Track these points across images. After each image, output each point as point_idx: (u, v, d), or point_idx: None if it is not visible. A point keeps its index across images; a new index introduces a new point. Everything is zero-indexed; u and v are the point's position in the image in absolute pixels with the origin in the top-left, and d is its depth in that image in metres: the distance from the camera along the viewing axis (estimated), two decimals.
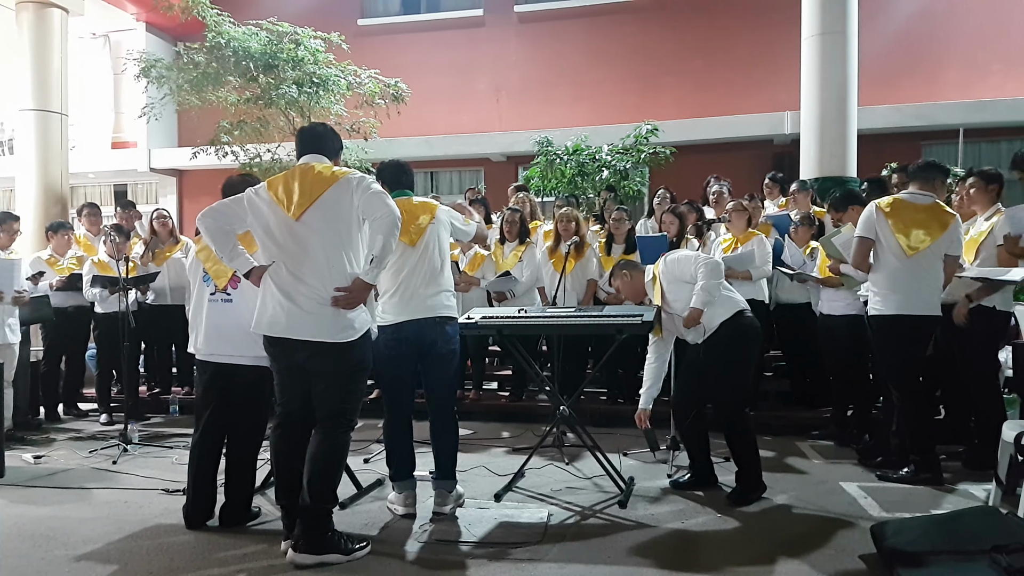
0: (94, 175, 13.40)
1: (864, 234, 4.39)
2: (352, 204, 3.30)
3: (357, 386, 3.45)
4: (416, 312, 3.82)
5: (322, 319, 3.27)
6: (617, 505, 4.05)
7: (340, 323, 3.29)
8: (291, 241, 3.32)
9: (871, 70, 9.98)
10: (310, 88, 9.05)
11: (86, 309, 6.79)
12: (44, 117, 9.18)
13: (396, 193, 3.98)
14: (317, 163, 3.45)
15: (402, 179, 4.09)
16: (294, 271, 3.30)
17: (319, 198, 3.30)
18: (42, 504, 4.32)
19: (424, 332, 3.82)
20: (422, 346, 3.85)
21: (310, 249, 3.29)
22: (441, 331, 3.86)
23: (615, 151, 9.18)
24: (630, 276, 4.60)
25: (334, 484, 3.40)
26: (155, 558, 3.45)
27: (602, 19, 12.14)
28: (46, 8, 9.21)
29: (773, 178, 7.78)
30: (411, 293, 3.83)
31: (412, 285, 3.84)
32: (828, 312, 5.47)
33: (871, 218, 4.38)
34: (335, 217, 3.30)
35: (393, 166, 4.15)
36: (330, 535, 3.34)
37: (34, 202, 9.08)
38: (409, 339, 3.84)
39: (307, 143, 3.56)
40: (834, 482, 4.51)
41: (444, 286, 3.92)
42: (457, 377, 4.19)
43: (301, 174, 3.39)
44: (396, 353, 3.87)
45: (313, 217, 3.30)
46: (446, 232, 4.01)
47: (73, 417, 6.99)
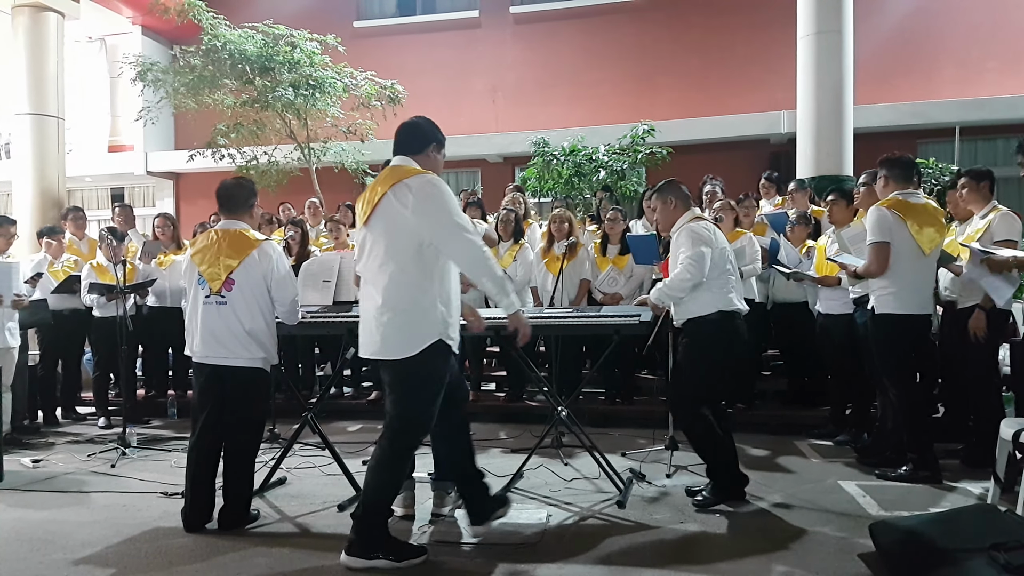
0: (91, 178, 13.38)
1: (883, 238, 4.32)
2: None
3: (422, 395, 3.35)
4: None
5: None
6: (616, 505, 4.05)
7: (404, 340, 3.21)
8: None
9: (867, 69, 9.99)
10: (306, 90, 9.06)
11: (82, 313, 6.78)
12: (40, 121, 9.19)
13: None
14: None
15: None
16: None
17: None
18: (40, 508, 4.32)
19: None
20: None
21: None
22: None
23: (612, 151, 9.19)
24: (672, 204, 4.29)
25: (383, 491, 3.32)
26: (154, 561, 3.44)
27: (598, 19, 12.14)
28: (42, 12, 9.22)
29: (769, 177, 7.80)
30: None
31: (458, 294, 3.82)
32: (826, 311, 5.48)
33: (887, 221, 4.33)
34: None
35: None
36: (383, 540, 3.30)
37: (31, 206, 9.08)
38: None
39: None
40: (832, 481, 4.52)
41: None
42: None
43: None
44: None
45: None
46: None
47: (71, 421, 6.98)
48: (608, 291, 6.36)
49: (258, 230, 4.15)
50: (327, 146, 9.93)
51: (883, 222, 4.34)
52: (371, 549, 3.25)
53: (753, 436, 5.67)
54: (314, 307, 4.66)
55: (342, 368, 5.98)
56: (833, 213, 5.51)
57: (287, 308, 3.97)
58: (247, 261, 3.82)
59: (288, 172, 10.10)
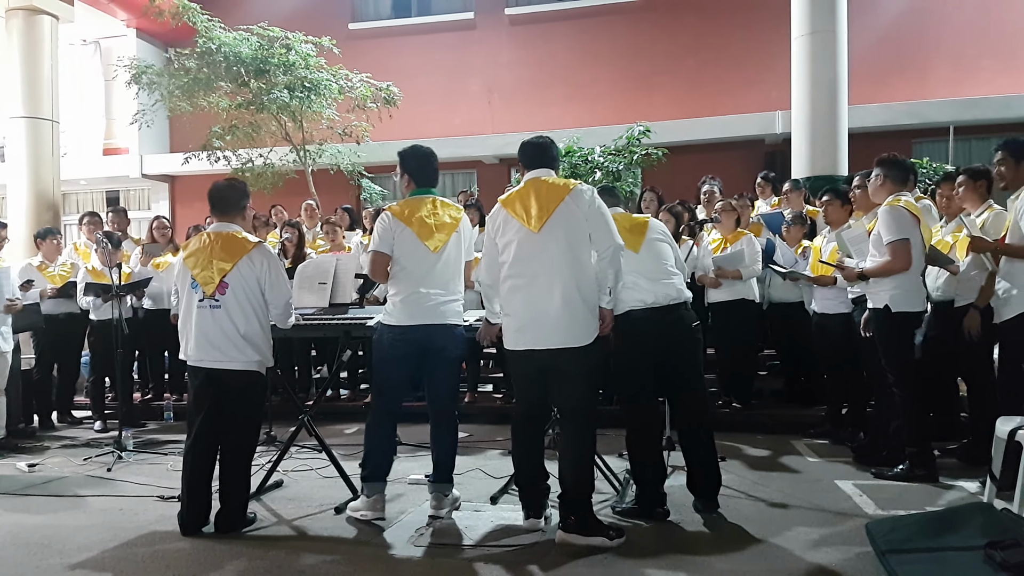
0: (86, 182, 13.36)
1: (904, 235, 4.30)
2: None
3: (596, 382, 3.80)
4: (429, 318, 3.83)
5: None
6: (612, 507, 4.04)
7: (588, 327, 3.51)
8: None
9: (861, 68, 10.01)
10: (302, 93, 9.06)
11: (78, 316, 6.77)
12: (35, 124, 9.17)
13: (420, 191, 4.00)
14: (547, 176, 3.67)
15: (427, 173, 4.05)
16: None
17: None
18: (37, 512, 4.31)
19: (436, 337, 3.85)
20: (431, 350, 3.87)
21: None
22: (452, 336, 3.91)
23: (607, 152, 9.19)
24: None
25: (591, 472, 3.69)
26: (151, 565, 3.44)
27: (593, 20, 12.16)
28: (36, 15, 9.20)
29: (765, 177, 7.81)
30: (426, 298, 3.83)
31: (427, 291, 3.84)
32: (822, 311, 5.50)
33: (905, 217, 4.33)
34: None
35: (417, 156, 4.05)
36: (597, 521, 3.54)
37: (25, 209, 9.06)
38: (418, 342, 3.85)
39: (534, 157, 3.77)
40: (829, 480, 4.53)
41: (458, 293, 3.97)
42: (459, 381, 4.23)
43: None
44: (401, 355, 3.88)
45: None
46: (466, 240, 4.05)
47: (67, 424, 6.97)
48: None
49: (253, 232, 4.14)
50: (322, 148, 9.93)
51: (902, 219, 4.32)
52: (592, 529, 3.48)
53: (750, 435, 5.69)
54: (310, 309, 4.65)
55: (339, 370, 5.98)
56: (828, 213, 5.52)
57: (281, 311, 3.97)
58: (241, 264, 3.81)
59: (284, 174, 10.10)
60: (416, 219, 3.88)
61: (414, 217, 3.88)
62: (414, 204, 3.96)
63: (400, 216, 3.90)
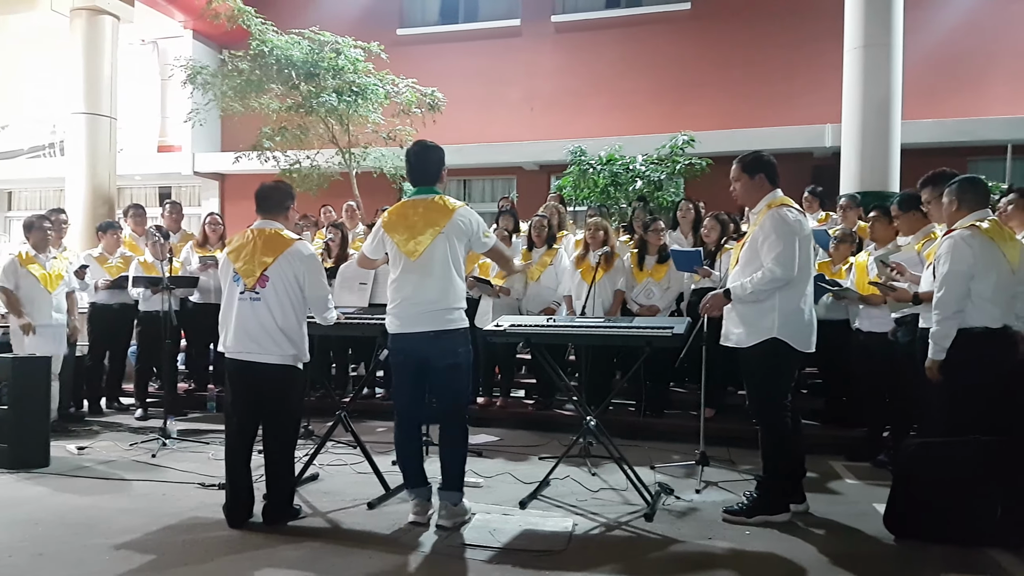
0: (140, 177, 13.74)
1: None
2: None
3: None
4: (412, 325, 3.81)
5: None
6: (643, 518, 4.04)
7: None
8: None
9: (915, 83, 9.81)
10: (349, 96, 9.20)
11: (130, 307, 6.99)
12: (94, 120, 9.47)
13: (417, 191, 3.98)
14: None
15: (419, 171, 3.98)
16: None
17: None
18: (84, 494, 4.47)
19: (421, 346, 3.81)
20: (420, 359, 3.85)
21: None
22: (436, 346, 3.79)
23: (649, 161, 9.17)
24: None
25: (770, 461, 4.04)
26: (190, 550, 3.55)
27: (639, 29, 12.14)
28: (98, 15, 9.51)
29: (812, 192, 7.70)
30: (409, 306, 3.82)
31: (410, 299, 3.82)
32: (869, 329, 5.38)
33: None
34: None
35: (412, 153, 4.00)
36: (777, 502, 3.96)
37: (83, 203, 9.36)
38: (407, 351, 3.86)
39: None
40: (867, 503, 4.42)
41: (448, 298, 3.82)
42: (467, 388, 4.07)
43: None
44: (398, 362, 3.94)
45: None
46: (460, 240, 3.87)
47: (115, 411, 7.19)
48: (644, 303, 6.34)
49: (299, 232, 4.24)
50: (367, 151, 10.07)
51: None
52: (775, 509, 3.89)
53: None
54: (350, 309, 4.74)
55: (375, 369, 6.08)
56: (875, 230, 5.44)
57: (320, 306, 4.04)
58: (281, 259, 3.90)
59: (329, 176, 10.27)
60: (398, 225, 3.89)
61: (398, 223, 3.90)
62: (403, 209, 3.96)
63: (386, 224, 3.95)
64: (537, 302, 6.69)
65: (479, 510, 4.09)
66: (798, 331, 3.94)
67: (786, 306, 3.89)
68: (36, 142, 14.08)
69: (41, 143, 14.05)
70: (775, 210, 3.92)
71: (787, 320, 3.89)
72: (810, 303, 4.03)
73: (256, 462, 3.97)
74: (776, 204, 3.95)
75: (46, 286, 5.95)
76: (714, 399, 6.03)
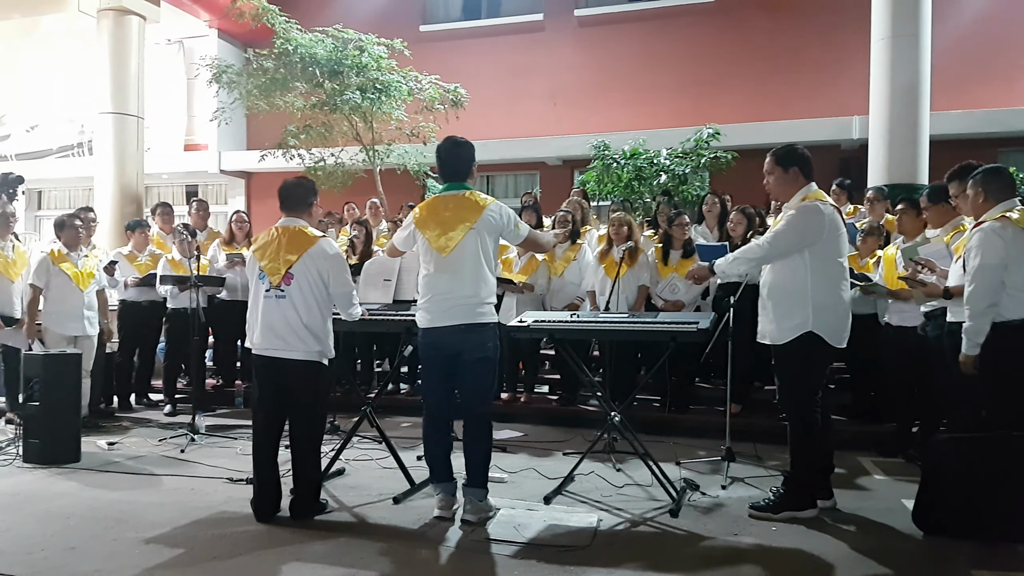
0: (167, 176, 13.91)
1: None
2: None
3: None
4: (443, 319, 3.84)
5: None
6: (669, 514, 4.02)
7: None
8: None
9: (944, 74, 9.63)
10: (373, 94, 9.23)
11: (159, 304, 7.09)
12: (121, 120, 9.58)
13: (447, 187, 4.01)
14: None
15: (451, 167, 4.01)
16: None
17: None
18: (114, 488, 4.54)
19: (451, 339, 3.83)
20: (452, 353, 3.87)
21: None
22: (467, 339, 3.82)
23: (674, 155, 9.11)
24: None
25: (799, 456, 3.99)
26: (218, 544, 3.59)
27: (663, 22, 12.05)
28: (125, 15, 9.62)
29: (840, 184, 7.61)
30: (440, 301, 3.85)
31: (441, 293, 3.85)
32: (898, 324, 5.31)
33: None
34: None
35: (443, 149, 4.05)
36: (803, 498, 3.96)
37: (111, 201, 9.48)
38: (438, 345, 3.88)
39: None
40: (896, 499, 4.37)
41: (479, 293, 3.86)
42: (494, 384, 4.09)
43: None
44: (427, 357, 3.96)
45: None
46: (491, 235, 3.92)
47: (144, 406, 7.30)
48: (669, 298, 6.31)
49: (323, 230, 4.27)
50: (390, 148, 10.11)
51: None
52: (802, 505, 3.89)
53: None
54: (374, 305, 4.77)
55: (399, 365, 6.10)
56: (903, 223, 5.36)
57: (344, 303, 4.08)
58: (305, 257, 3.93)
59: (353, 173, 10.33)
60: (430, 222, 3.91)
61: (429, 219, 3.93)
62: (434, 204, 3.99)
63: (417, 220, 3.99)
64: (561, 298, 6.68)
65: (504, 505, 4.10)
66: (832, 325, 3.90)
67: (818, 299, 3.85)
68: (65, 142, 14.30)
69: (70, 143, 14.27)
70: (803, 203, 3.89)
71: (820, 313, 3.85)
72: (846, 298, 3.99)
73: (283, 457, 4.01)
74: (811, 198, 3.92)
75: (78, 284, 6.04)
76: (740, 395, 6.00)
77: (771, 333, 3.99)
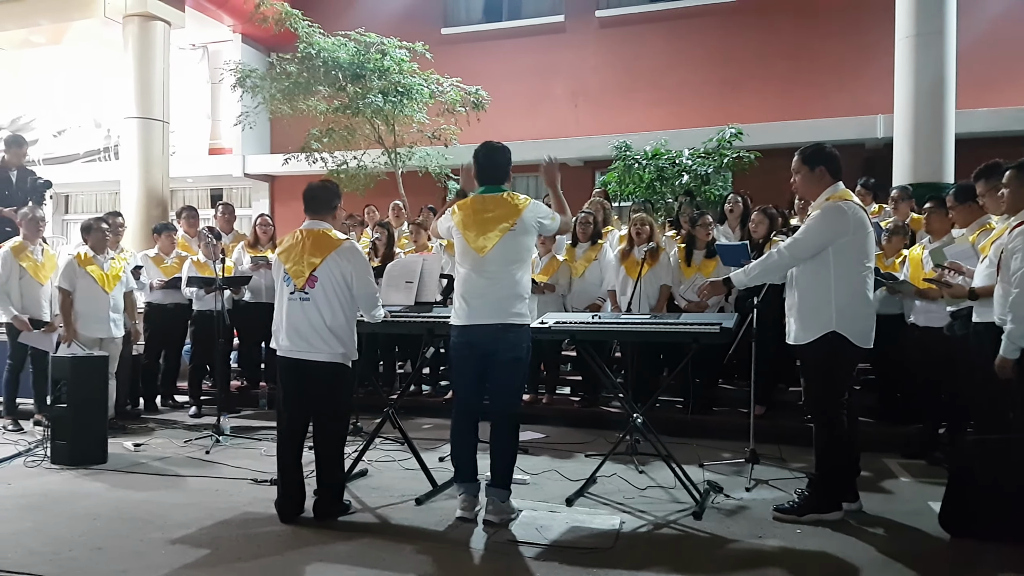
0: (192, 180, 14.06)
1: None
2: None
3: None
4: (479, 318, 3.86)
5: None
6: (692, 516, 3.99)
7: None
8: None
9: (969, 72, 9.48)
10: (395, 97, 9.28)
11: (185, 307, 7.16)
12: (147, 124, 9.73)
13: (484, 189, 4.05)
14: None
15: (488, 170, 4.07)
16: None
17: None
18: (140, 489, 4.60)
19: (486, 338, 3.85)
20: (486, 351, 3.88)
21: None
22: (503, 338, 3.84)
23: (696, 155, 9.06)
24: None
25: (824, 458, 3.95)
26: (243, 545, 3.62)
27: (685, 22, 11.99)
28: (150, 21, 9.77)
29: (864, 184, 7.52)
30: (476, 300, 3.87)
31: (478, 293, 3.87)
32: (925, 324, 5.24)
33: None
34: None
35: (481, 153, 4.10)
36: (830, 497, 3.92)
37: (137, 205, 9.63)
38: (473, 343, 3.89)
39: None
40: (922, 501, 4.31)
41: (516, 292, 3.90)
42: (524, 385, 4.12)
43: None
44: (461, 355, 3.96)
45: None
46: (529, 235, 3.97)
47: (169, 408, 7.38)
48: (692, 298, 6.27)
49: (345, 232, 4.30)
50: (412, 151, 10.15)
51: None
52: (827, 507, 3.84)
53: None
54: (396, 307, 4.79)
55: (421, 366, 6.13)
56: (931, 222, 5.29)
57: (368, 304, 4.10)
58: (329, 259, 3.96)
59: (375, 176, 10.38)
60: (469, 222, 3.94)
61: (468, 220, 3.95)
62: (472, 204, 4.02)
63: (455, 219, 4.02)
64: (582, 299, 6.67)
65: (526, 507, 4.09)
66: (857, 325, 3.86)
67: (842, 299, 3.81)
68: (91, 146, 14.52)
69: (96, 147, 14.49)
70: (828, 203, 3.85)
71: (844, 313, 3.81)
72: (871, 298, 3.94)
73: (307, 458, 4.04)
74: (837, 198, 3.88)
75: (104, 286, 6.12)
76: (764, 396, 5.95)
77: (795, 332, 3.96)
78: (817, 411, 4.03)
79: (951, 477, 3.82)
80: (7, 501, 4.29)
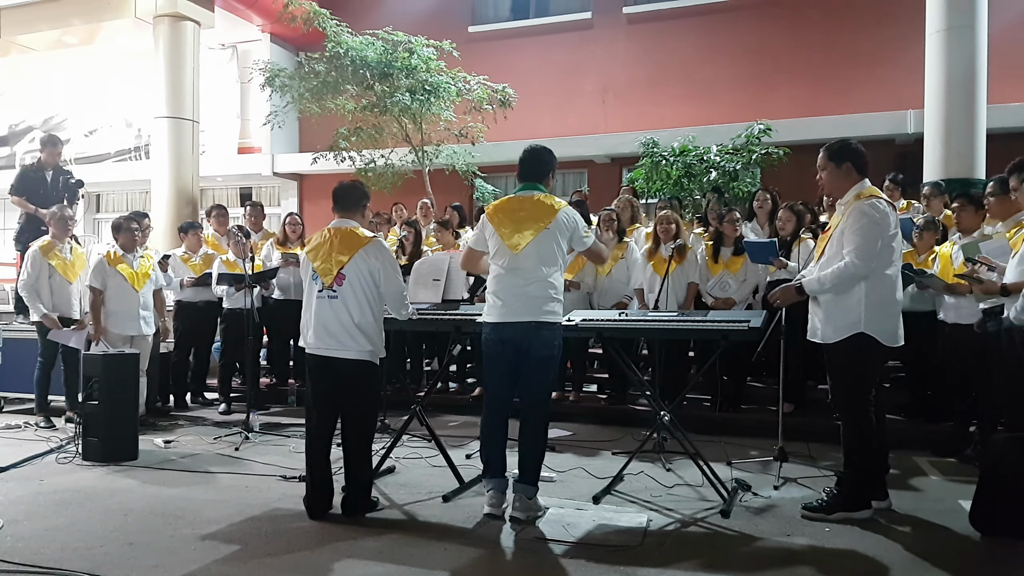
0: (222, 178, 14.22)
1: None
2: None
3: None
4: (514, 315, 3.87)
5: None
6: (719, 514, 3.97)
7: None
8: None
9: (1002, 66, 9.30)
10: (422, 95, 9.32)
11: (214, 304, 7.26)
12: (177, 124, 9.85)
13: (522, 187, 4.09)
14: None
15: (525, 170, 4.13)
16: None
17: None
18: (171, 485, 4.66)
19: (519, 335, 3.87)
20: (519, 348, 3.89)
21: None
22: (537, 335, 3.86)
23: (724, 151, 8.99)
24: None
25: (853, 456, 3.91)
26: (273, 541, 3.66)
27: (712, 18, 11.89)
28: (180, 21, 9.89)
29: (894, 179, 7.43)
30: (510, 297, 3.89)
31: (515, 288, 3.89)
32: (955, 321, 5.17)
33: None
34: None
35: (523, 153, 4.17)
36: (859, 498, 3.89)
37: (167, 203, 9.77)
38: (507, 340, 3.91)
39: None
40: (952, 500, 4.25)
41: (548, 291, 3.91)
42: (555, 382, 4.13)
43: None
44: (494, 352, 3.97)
45: None
46: (563, 236, 3.97)
47: (199, 405, 7.48)
48: (720, 295, 6.23)
49: (373, 230, 4.33)
50: (439, 149, 10.19)
51: None
52: (856, 505, 3.82)
53: None
54: (424, 305, 4.82)
55: (449, 364, 6.15)
56: (962, 219, 5.21)
57: (395, 302, 4.13)
58: (357, 257, 3.99)
59: (403, 174, 10.43)
60: (504, 219, 3.97)
61: (503, 217, 3.99)
62: (508, 203, 4.06)
63: (490, 216, 4.05)
64: (609, 296, 6.66)
65: (552, 504, 4.09)
66: (885, 325, 3.81)
67: (872, 299, 3.76)
68: (122, 146, 14.76)
69: (127, 147, 14.73)
70: (862, 202, 3.80)
71: (873, 314, 3.76)
72: (898, 298, 3.89)
73: (335, 455, 4.07)
74: (865, 195, 3.83)
75: (133, 284, 6.21)
76: (793, 393, 5.90)
77: (822, 332, 3.92)
78: (844, 409, 3.99)
79: (982, 475, 3.76)
80: (40, 497, 4.37)
